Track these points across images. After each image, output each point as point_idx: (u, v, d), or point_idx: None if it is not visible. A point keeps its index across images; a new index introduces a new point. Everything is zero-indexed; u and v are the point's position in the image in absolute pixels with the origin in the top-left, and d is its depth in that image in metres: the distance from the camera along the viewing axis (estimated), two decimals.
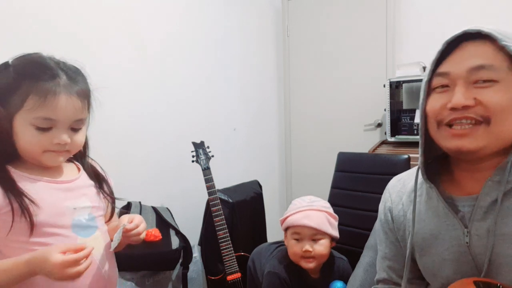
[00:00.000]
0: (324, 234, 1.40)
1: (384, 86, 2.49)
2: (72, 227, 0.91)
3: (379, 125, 2.81)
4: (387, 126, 2.48)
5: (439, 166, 0.89)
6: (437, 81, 0.79)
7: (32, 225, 0.84)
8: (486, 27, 0.75)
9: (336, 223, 1.48)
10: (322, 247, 1.39)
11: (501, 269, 0.75)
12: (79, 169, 1.01)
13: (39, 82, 0.84)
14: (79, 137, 0.93)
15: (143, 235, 1.00)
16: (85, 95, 0.92)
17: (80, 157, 1.03)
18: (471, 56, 0.74)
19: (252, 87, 2.94)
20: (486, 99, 0.72)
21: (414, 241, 0.87)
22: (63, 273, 0.79)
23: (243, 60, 2.84)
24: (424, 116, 0.83)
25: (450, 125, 0.77)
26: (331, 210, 1.48)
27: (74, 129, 0.90)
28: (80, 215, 0.93)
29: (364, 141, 2.83)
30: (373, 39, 2.80)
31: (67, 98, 0.86)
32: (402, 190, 0.93)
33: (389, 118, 2.47)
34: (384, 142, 2.64)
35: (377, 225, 1.00)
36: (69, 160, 1.00)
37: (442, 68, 0.78)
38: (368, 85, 2.82)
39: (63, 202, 0.91)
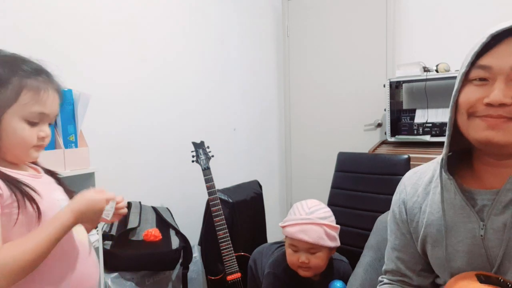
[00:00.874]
0: (321, 247, 1.38)
1: (384, 86, 2.49)
2: None
3: (379, 125, 2.81)
4: (387, 126, 2.48)
5: (458, 160, 0.89)
6: (476, 73, 0.77)
7: (39, 213, 0.84)
8: None
9: (336, 234, 1.44)
10: (318, 259, 1.38)
11: None
12: (32, 168, 0.99)
13: (31, 78, 0.85)
14: (50, 132, 0.95)
15: (124, 211, 0.99)
16: (62, 92, 0.95)
17: None
18: None
19: (252, 87, 2.94)
20: None
21: (427, 232, 0.88)
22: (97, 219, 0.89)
23: (243, 60, 2.85)
24: (455, 108, 0.81)
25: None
26: (331, 220, 1.43)
27: (50, 124, 0.93)
28: (63, 206, 0.93)
29: (364, 141, 2.83)
30: (373, 39, 2.80)
31: (53, 93, 0.89)
32: (418, 182, 0.93)
33: (389, 118, 2.47)
34: (384, 142, 2.64)
35: (389, 216, 0.99)
36: None
37: (484, 61, 0.75)
38: (368, 85, 2.82)
39: (50, 193, 0.91)
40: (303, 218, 1.40)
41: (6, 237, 0.80)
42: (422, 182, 0.92)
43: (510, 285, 0.73)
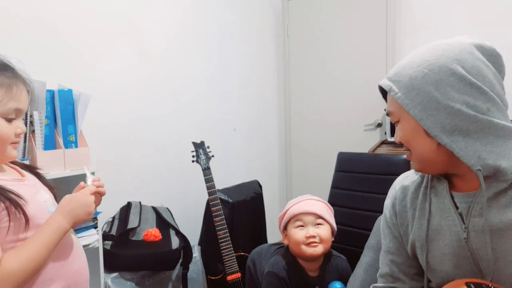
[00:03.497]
0: (325, 221, 1.46)
1: None
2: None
3: (379, 125, 2.81)
4: (387, 126, 2.48)
5: None
6: None
7: (27, 219, 0.84)
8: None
9: (333, 217, 1.54)
10: (325, 231, 1.44)
11: (498, 264, 0.77)
12: (13, 168, 0.99)
13: (1, 75, 0.85)
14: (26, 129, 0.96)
15: (103, 189, 1.03)
16: (30, 87, 0.94)
17: None
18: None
19: (252, 87, 2.94)
20: None
21: (416, 236, 0.89)
22: (91, 198, 0.94)
23: (243, 60, 2.84)
24: None
25: None
26: (328, 204, 1.56)
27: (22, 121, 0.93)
28: (49, 207, 0.94)
29: (364, 141, 2.83)
30: (373, 39, 2.80)
31: (23, 88, 0.89)
32: (408, 186, 0.94)
33: (389, 118, 2.47)
34: (384, 142, 2.64)
35: (382, 220, 1.01)
36: None
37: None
38: (368, 85, 2.81)
39: (35, 196, 0.92)
40: (304, 197, 1.53)
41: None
42: (412, 186, 0.93)
43: None
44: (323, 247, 1.42)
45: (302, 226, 1.44)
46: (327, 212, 1.49)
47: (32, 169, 1.02)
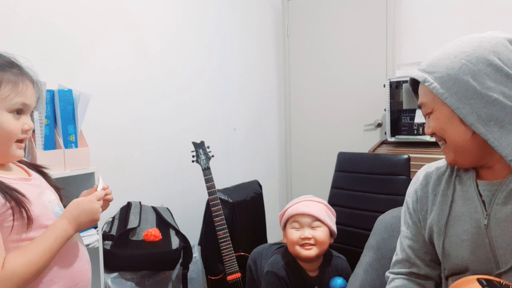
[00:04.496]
0: (323, 223, 1.44)
1: (384, 86, 2.49)
2: (55, 214, 0.93)
3: (379, 125, 2.81)
4: (387, 126, 2.48)
5: None
6: None
7: (31, 220, 0.84)
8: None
9: (334, 219, 1.52)
10: (321, 233, 1.43)
11: None
12: (20, 167, 0.99)
13: (6, 71, 0.85)
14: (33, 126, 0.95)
15: (111, 196, 1.05)
16: (37, 84, 0.94)
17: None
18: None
19: (252, 87, 2.94)
20: None
21: (435, 221, 0.92)
22: (98, 205, 0.94)
23: (243, 60, 2.84)
24: None
25: None
26: (329, 206, 1.54)
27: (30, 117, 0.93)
28: (54, 207, 0.94)
29: (364, 141, 2.83)
30: (373, 39, 2.80)
31: (30, 84, 0.90)
32: (432, 174, 0.98)
33: (389, 118, 2.47)
34: (384, 142, 2.64)
35: (403, 207, 1.05)
36: None
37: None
38: (368, 85, 2.82)
39: (40, 196, 0.92)
40: (304, 198, 1.52)
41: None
42: (435, 174, 0.97)
43: None
44: (318, 250, 1.42)
45: (298, 227, 1.45)
46: (326, 214, 1.48)
47: (38, 169, 1.02)
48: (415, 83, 0.92)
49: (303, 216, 1.44)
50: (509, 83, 0.77)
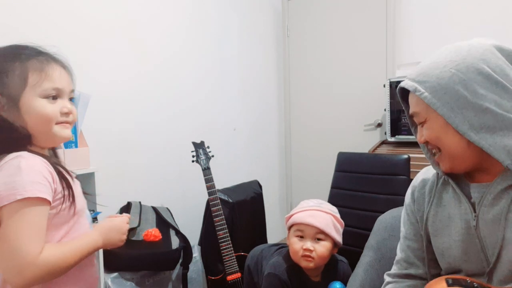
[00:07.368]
0: (327, 236, 1.39)
1: (384, 86, 2.49)
2: (87, 216, 0.97)
3: (379, 125, 2.81)
4: (387, 126, 2.48)
5: None
6: None
7: (74, 212, 0.88)
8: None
9: (341, 230, 1.46)
10: (323, 248, 1.38)
11: (504, 251, 0.82)
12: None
13: (31, 59, 0.87)
14: (75, 109, 0.95)
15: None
16: (69, 68, 0.95)
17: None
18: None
19: (252, 87, 2.94)
20: None
21: (431, 222, 0.94)
22: (127, 227, 0.98)
23: (243, 60, 2.85)
24: None
25: None
26: (338, 215, 1.47)
27: (71, 100, 0.93)
28: (86, 210, 0.98)
29: (364, 141, 2.83)
30: (373, 39, 2.80)
31: (59, 68, 0.90)
32: (429, 176, 0.99)
33: (389, 118, 2.47)
34: (384, 142, 2.64)
35: (403, 208, 1.06)
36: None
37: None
38: (368, 85, 2.82)
39: (81, 195, 0.94)
40: (313, 206, 1.44)
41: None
42: (432, 177, 0.98)
43: (476, 285, 0.79)
44: (317, 263, 1.39)
45: (301, 236, 1.40)
46: (333, 226, 1.41)
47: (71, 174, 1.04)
48: (403, 92, 0.93)
49: (308, 227, 1.38)
50: (499, 91, 0.78)
